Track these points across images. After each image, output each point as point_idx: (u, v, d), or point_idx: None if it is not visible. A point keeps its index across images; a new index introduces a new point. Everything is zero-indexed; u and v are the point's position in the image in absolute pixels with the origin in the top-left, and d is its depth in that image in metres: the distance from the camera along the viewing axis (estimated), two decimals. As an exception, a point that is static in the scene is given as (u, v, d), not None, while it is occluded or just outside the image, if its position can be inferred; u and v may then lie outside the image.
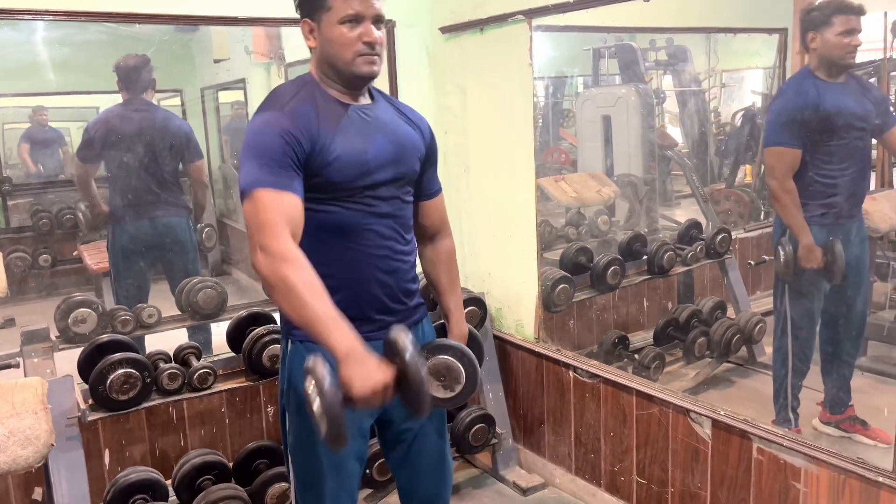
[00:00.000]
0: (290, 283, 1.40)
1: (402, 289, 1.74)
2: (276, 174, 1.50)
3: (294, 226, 1.49)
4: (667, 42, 4.47)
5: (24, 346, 2.31)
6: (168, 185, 3.21)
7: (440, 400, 1.70)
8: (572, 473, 2.85)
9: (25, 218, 3.93)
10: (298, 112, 1.58)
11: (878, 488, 1.85)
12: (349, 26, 1.58)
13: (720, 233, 3.55)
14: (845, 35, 2.42)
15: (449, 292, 1.92)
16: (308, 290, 1.40)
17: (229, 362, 2.54)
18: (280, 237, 1.44)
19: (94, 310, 2.50)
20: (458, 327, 1.90)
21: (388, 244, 1.70)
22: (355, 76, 1.63)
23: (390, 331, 1.44)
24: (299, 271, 1.42)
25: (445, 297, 1.91)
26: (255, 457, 2.57)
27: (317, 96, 1.64)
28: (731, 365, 3.40)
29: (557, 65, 4.54)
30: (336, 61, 1.62)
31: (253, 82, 3.78)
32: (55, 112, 4.22)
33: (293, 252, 1.44)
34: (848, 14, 2.41)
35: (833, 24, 2.42)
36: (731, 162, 4.72)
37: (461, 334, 1.89)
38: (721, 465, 2.26)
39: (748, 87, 5.05)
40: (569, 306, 3.09)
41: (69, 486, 2.04)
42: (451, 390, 1.70)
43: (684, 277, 3.67)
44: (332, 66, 1.63)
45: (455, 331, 1.89)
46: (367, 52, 1.60)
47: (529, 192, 2.83)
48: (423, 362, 1.40)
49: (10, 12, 2.27)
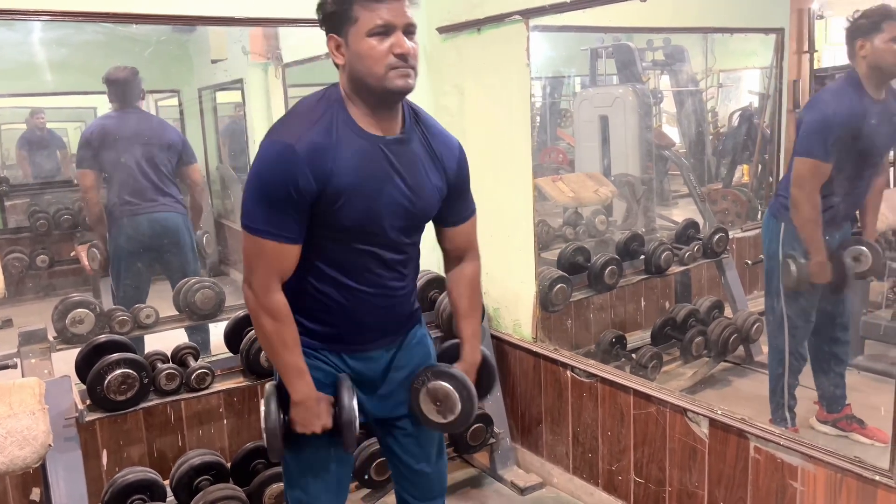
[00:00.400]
0: (267, 333, 1.61)
1: (397, 316, 1.75)
2: (278, 224, 1.53)
3: (285, 272, 1.59)
4: (664, 42, 4.48)
5: (22, 347, 2.31)
6: (165, 186, 3.22)
7: (434, 424, 1.75)
8: (570, 473, 2.85)
9: (23, 219, 3.92)
10: (315, 147, 1.49)
11: (874, 487, 1.85)
12: (378, 38, 1.47)
13: (717, 232, 3.55)
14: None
15: (467, 317, 1.83)
16: (281, 343, 1.61)
17: (227, 362, 2.54)
18: (269, 290, 1.58)
19: (91, 310, 2.50)
20: (472, 355, 1.83)
21: (386, 283, 1.68)
22: (388, 91, 1.50)
23: (337, 380, 1.68)
24: (279, 325, 1.60)
25: (463, 321, 1.83)
26: (252, 457, 2.56)
27: (339, 125, 1.53)
28: (728, 364, 3.40)
29: (555, 65, 4.54)
30: (366, 78, 1.49)
31: (250, 82, 3.77)
32: (52, 113, 4.21)
33: (278, 306, 1.59)
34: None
35: (883, 30, 2.36)
36: (728, 162, 4.73)
37: (473, 362, 1.82)
38: (718, 464, 2.26)
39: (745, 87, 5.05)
40: (566, 306, 3.10)
41: (67, 486, 2.04)
42: (445, 417, 1.73)
43: (681, 277, 3.68)
44: (363, 84, 1.51)
45: (468, 358, 1.82)
46: (399, 64, 1.48)
47: (527, 191, 2.83)
48: (355, 415, 1.65)
49: (7, 13, 2.28)
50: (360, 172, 1.53)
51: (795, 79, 3.52)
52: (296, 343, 1.63)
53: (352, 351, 1.72)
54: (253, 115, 3.74)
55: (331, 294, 1.65)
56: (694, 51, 4.61)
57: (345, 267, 1.63)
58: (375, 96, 1.53)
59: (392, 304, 1.72)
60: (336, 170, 1.51)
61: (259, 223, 1.53)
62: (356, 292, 1.65)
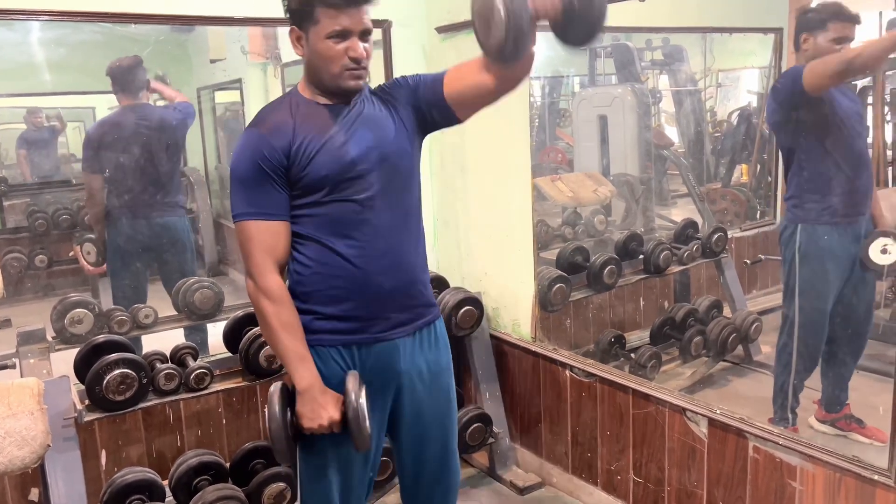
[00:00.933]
0: (268, 317, 1.63)
1: (411, 281, 1.73)
2: (257, 202, 1.62)
3: (278, 253, 1.65)
4: (663, 42, 4.48)
5: (21, 347, 2.31)
6: (165, 186, 3.22)
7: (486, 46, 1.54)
8: (569, 472, 2.85)
9: (21, 218, 3.91)
10: (274, 126, 1.63)
11: (873, 486, 1.86)
12: (336, 41, 1.58)
13: (716, 232, 3.55)
14: (837, 42, 2.38)
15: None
16: (281, 326, 1.63)
17: (226, 362, 2.54)
18: (263, 271, 1.63)
19: (90, 310, 2.50)
20: None
21: (391, 236, 1.69)
22: (341, 89, 1.64)
23: (346, 375, 1.63)
24: (277, 307, 1.63)
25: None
26: (251, 457, 2.57)
27: (297, 104, 1.67)
28: (727, 364, 3.40)
29: (553, 64, 4.54)
30: (323, 73, 1.63)
31: (249, 82, 3.77)
32: (51, 113, 4.21)
33: (273, 287, 1.63)
34: (844, 21, 2.38)
35: (828, 29, 2.39)
36: (727, 161, 4.73)
37: None
38: (717, 463, 2.27)
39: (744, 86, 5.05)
40: (565, 306, 3.10)
41: (66, 486, 2.04)
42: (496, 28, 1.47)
43: (680, 277, 3.68)
44: (319, 78, 1.65)
45: None
46: (353, 67, 1.61)
47: (526, 191, 2.83)
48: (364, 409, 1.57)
49: (6, 12, 2.27)
50: (323, 128, 1.64)
51: (794, 78, 3.52)
52: (295, 327, 1.65)
53: (374, 339, 1.70)
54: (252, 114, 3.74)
55: (339, 263, 1.65)
56: (693, 50, 4.61)
57: (343, 225, 1.65)
58: (329, 90, 1.66)
59: (401, 260, 1.70)
60: (298, 135, 1.62)
61: (241, 208, 1.64)
62: (363, 250, 1.65)
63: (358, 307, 1.68)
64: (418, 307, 1.76)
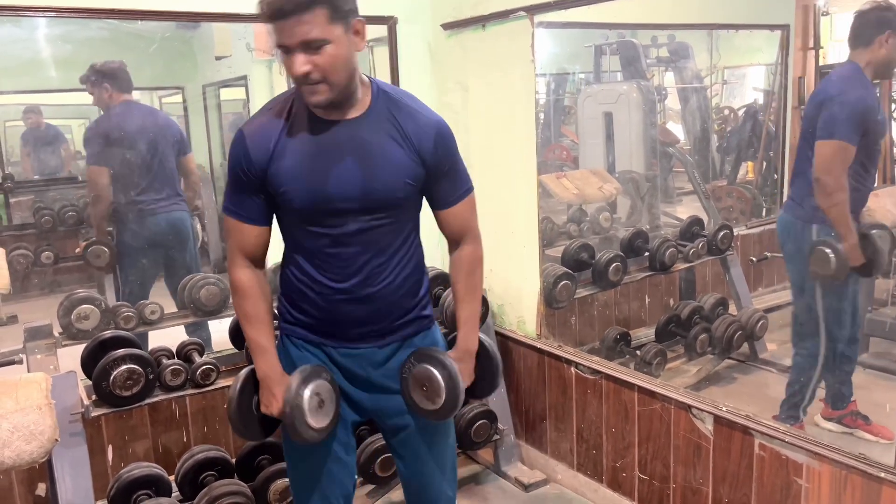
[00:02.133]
0: (235, 307, 1.73)
1: (387, 310, 1.69)
2: (236, 202, 1.64)
3: (251, 251, 1.67)
4: (668, 38, 4.47)
5: (28, 343, 2.32)
6: (168, 181, 3.23)
7: (424, 411, 1.72)
8: (574, 469, 2.85)
9: (28, 215, 3.93)
10: (258, 129, 1.57)
11: (879, 484, 1.85)
12: (283, 56, 1.46)
13: (722, 229, 3.55)
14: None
15: (461, 301, 1.78)
16: (244, 317, 1.70)
17: (232, 358, 2.54)
18: (236, 265, 1.68)
19: (96, 306, 2.50)
20: (464, 342, 1.78)
21: (367, 267, 1.63)
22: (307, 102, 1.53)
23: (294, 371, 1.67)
24: (240, 299, 1.69)
25: (458, 305, 1.78)
26: (257, 453, 2.57)
27: (294, 110, 1.57)
28: (732, 361, 3.40)
29: (559, 61, 4.53)
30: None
31: (254, 79, 3.77)
32: (57, 109, 4.22)
33: (240, 280, 1.68)
34: None
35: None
36: (732, 158, 4.73)
37: (465, 349, 1.78)
38: (723, 460, 2.26)
39: (750, 83, 5.04)
40: (570, 303, 3.10)
41: (73, 481, 2.05)
42: (433, 402, 1.69)
43: (686, 274, 3.67)
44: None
45: (460, 345, 1.78)
46: (303, 83, 1.47)
47: (531, 188, 2.83)
48: (301, 407, 1.63)
49: (13, 9, 2.28)
50: (304, 154, 1.56)
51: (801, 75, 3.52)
52: (258, 319, 1.69)
53: (342, 345, 1.71)
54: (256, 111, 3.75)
55: (310, 284, 1.67)
56: (699, 47, 4.60)
57: (317, 256, 1.64)
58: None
59: (372, 292, 1.65)
60: (279, 151, 1.56)
61: (227, 201, 1.66)
62: (335, 279, 1.64)
63: (324, 323, 1.70)
64: (397, 328, 1.72)
